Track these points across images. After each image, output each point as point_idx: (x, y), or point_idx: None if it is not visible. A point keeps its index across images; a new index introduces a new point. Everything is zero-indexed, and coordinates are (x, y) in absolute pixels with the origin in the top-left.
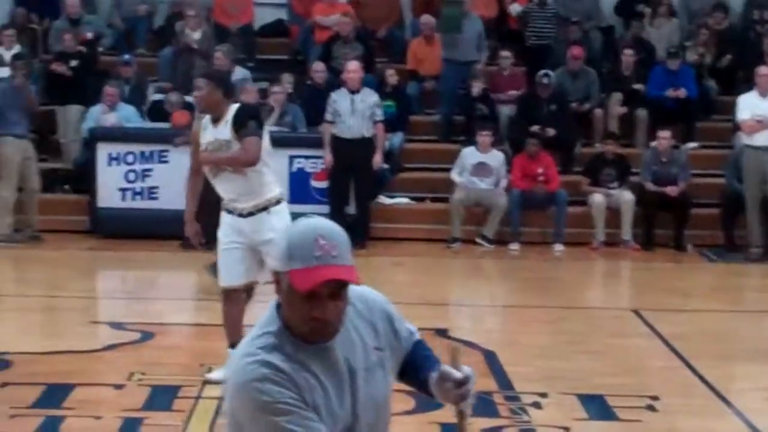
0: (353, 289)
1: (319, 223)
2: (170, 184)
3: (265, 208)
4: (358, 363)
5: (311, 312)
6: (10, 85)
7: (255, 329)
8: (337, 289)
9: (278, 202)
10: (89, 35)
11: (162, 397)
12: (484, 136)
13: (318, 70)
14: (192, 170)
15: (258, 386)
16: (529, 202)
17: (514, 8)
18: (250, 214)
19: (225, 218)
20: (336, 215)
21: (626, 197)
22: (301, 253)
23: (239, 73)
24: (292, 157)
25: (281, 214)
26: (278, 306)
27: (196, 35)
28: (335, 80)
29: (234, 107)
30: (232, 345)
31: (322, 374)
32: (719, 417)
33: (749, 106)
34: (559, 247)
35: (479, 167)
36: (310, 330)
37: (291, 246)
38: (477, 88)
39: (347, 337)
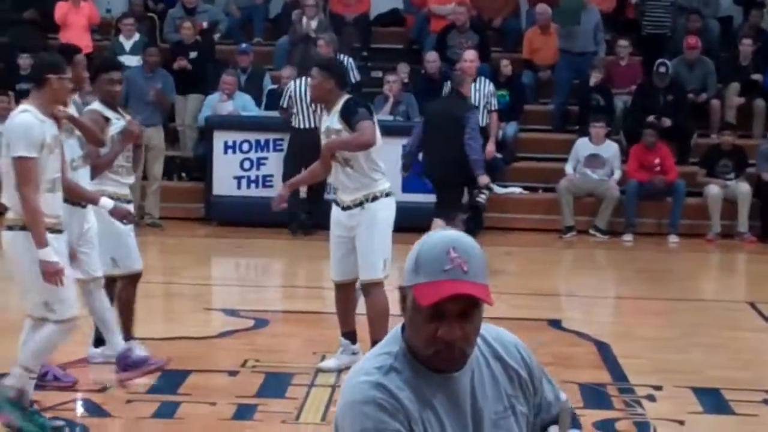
0: (489, 329)
1: (452, 235)
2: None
3: (361, 203)
4: (487, 406)
5: (436, 331)
6: (142, 74)
7: (376, 347)
8: (467, 308)
9: (375, 198)
10: (205, 24)
11: (276, 384)
12: (598, 128)
13: (431, 60)
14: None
15: (364, 409)
16: (645, 193)
17: None
18: (348, 207)
19: (332, 211)
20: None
21: (743, 189)
22: (429, 265)
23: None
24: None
25: (378, 209)
26: (403, 327)
27: (313, 24)
28: (450, 70)
29: (345, 97)
30: (345, 334)
31: (442, 408)
32: None
33: None
34: (674, 239)
35: (592, 158)
36: (434, 353)
37: (420, 258)
38: (595, 78)
39: (479, 375)
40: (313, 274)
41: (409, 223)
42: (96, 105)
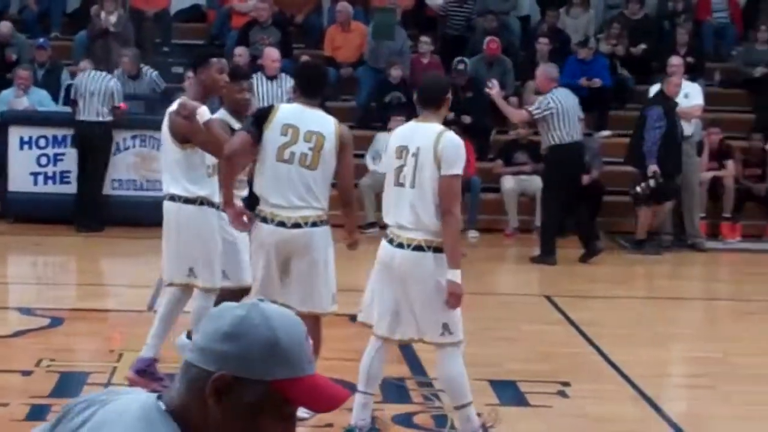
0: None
1: (284, 311)
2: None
3: None
4: None
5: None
6: None
7: None
8: None
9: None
10: None
11: (71, 384)
12: (398, 122)
13: (239, 54)
14: None
15: None
16: None
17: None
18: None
19: None
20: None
21: (540, 184)
22: (295, 356)
23: None
24: None
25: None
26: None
27: (112, 19)
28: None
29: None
30: None
31: None
32: (628, 402)
33: None
34: (473, 234)
35: None
36: None
37: (281, 345)
38: (395, 75)
39: None
40: (111, 272)
41: None
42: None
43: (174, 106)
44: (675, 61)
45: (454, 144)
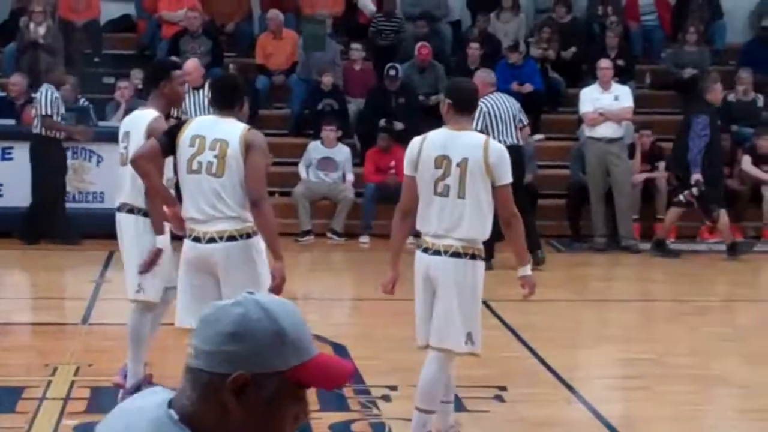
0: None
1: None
2: (14, 181)
3: None
4: None
5: (297, 417)
6: None
7: None
8: None
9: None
10: None
11: (4, 399)
12: (329, 131)
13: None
14: None
15: None
16: (381, 195)
17: (365, 6)
18: None
19: None
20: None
21: None
22: (301, 340)
23: None
24: None
25: None
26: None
27: (41, 30)
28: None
29: None
30: None
31: None
32: (565, 405)
33: (591, 98)
34: (409, 240)
35: (324, 161)
36: None
37: (288, 332)
38: (327, 82)
39: None
40: (47, 284)
41: None
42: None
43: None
44: (604, 63)
45: (503, 153)
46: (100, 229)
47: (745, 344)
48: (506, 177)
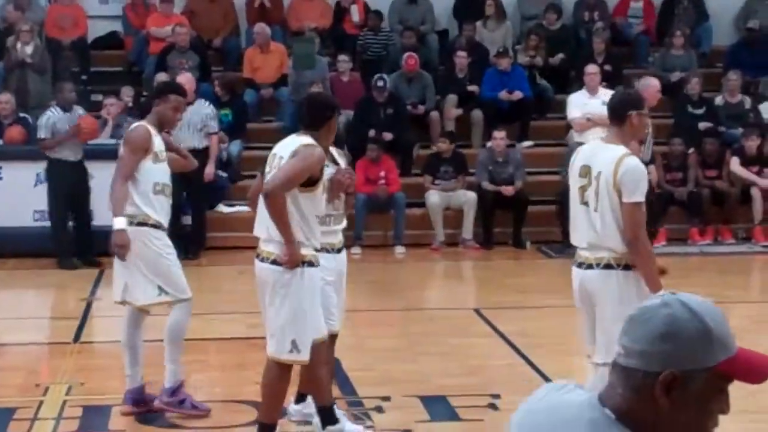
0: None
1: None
2: (3, 201)
3: None
4: None
5: (719, 412)
6: None
7: None
8: None
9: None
10: None
11: None
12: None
13: (162, 80)
14: None
15: None
16: (372, 206)
17: (354, 13)
18: None
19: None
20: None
21: (468, 197)
22: (726, 336)
23: None
24: None
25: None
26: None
27: (29, 50)
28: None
29: None
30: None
31: None
32: None
33: (579, 104)
34: (400, 249)
35: None
36: None
37: (714, 331)
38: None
39: None
40: (37, 304)
41: None
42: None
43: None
44: (591, 69)
45: (635, 169)
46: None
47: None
48: (631, 195)
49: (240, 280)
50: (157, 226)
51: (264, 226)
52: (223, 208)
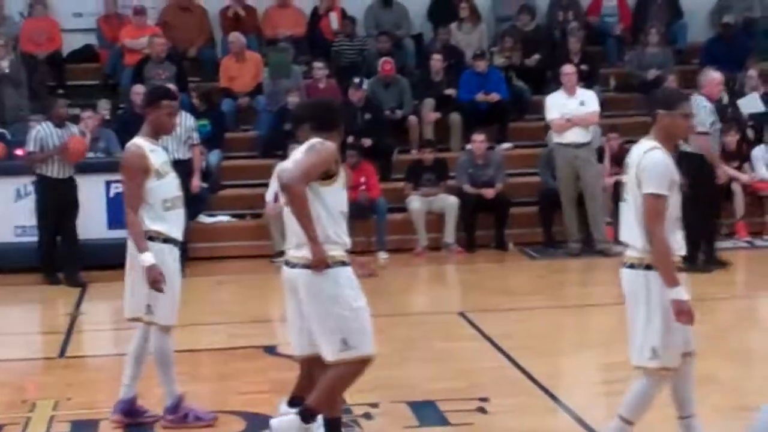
0: None
1: None
2: None
3: None
4: None
5: None
6: None
7: None
8: None
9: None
10: None
11: None
12: (294, 148)
13: (139, 92)
14: None
15: None
16: (353, 212)
17: (332, 20)
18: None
19: None
20: None
21: (450, 201)
22: None
23: None
24: (108, 182)
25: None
26: None
27: (4, 64)
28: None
29: None
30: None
31: None
32: (549, 414)
33: (557, 104)
34: (383, 255)
35: None
36: None
37: None
38: (293, 102)
39: None
40: (21, 319)
41: None
42: None
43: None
44: (568, 69)
45: (655, 161)
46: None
47: (726, 342)
48: (649, 185)
49: (220, 290)
50: (168, 240)
51: (293, 236)
52: (204, 219)
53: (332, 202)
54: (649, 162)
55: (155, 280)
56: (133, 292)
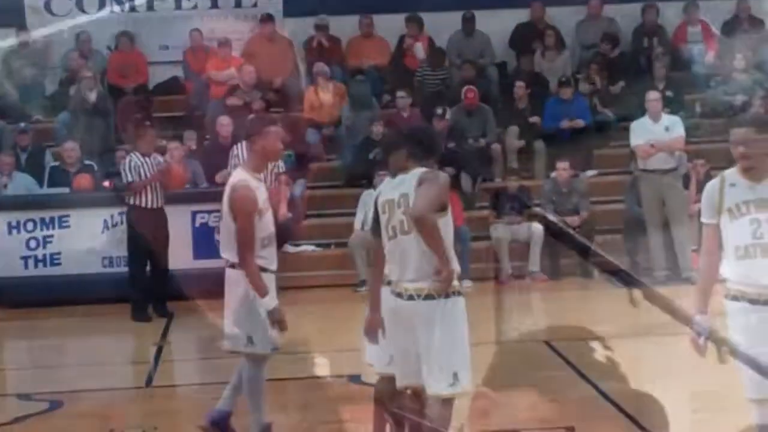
0: None
1: None
2: (72, 249)
3: None
4: None
5: None
6: None
7: None
8: None
9: None
10: None
11: None
12: (382, 176)
13: (224, 123)
14: None
15: None
16: None
17: (418, 50)
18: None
19: None
20: None
21: (535, 229)
22: None
23: None
24: (194, 213)
25: None
26: None
27: (92, 96)
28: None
29: None
30: None
31: None
32: None
33: (642, 131)
34: (467, 283)
35: None
36: None
37: None
38: (377, 131)
39: None
40: (109, 349)
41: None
42: None
43: (233, 179)
44: (653, 95)
45: (705, 192)
46: None
47: None
48: (702, 215)
49: (304, 318)
50: (265, 270)
51: (411, 268)
52: (289, 248)
53: (446, 232)
54: (704, 192)
55: (280, 320)
56: (234, 324)
